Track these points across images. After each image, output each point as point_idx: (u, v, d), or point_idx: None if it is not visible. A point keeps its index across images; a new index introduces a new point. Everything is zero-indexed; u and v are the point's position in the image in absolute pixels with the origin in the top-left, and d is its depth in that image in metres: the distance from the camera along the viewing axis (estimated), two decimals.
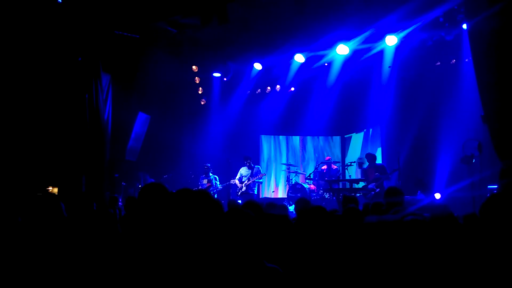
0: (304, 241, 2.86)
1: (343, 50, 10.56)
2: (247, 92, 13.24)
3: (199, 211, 2.03)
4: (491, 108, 7.17)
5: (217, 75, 12.83)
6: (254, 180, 11.10)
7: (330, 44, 10.54)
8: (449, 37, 9.43)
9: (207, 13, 8.74)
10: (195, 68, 12.27)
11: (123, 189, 10.89)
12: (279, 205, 4.71)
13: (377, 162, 10.51)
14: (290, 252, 2.81)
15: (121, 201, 9.70)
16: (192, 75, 12.64)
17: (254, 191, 11.24)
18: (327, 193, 11.57)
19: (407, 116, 11.19)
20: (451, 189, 8.43)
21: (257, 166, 11.51)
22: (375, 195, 9.55)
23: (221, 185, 11.46)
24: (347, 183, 11.32)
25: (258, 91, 13.42)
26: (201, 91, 13.16)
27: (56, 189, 8.58)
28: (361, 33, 9.82)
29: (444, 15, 8.79)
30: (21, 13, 7.80)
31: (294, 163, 13.56)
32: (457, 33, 9.17)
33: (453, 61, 9.91)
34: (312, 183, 12.17)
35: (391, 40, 9.77)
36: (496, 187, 7.55)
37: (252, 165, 11.24)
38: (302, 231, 2.94)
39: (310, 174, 12.18)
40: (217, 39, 10.39)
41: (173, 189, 2.72)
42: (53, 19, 8.20)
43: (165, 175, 11.67)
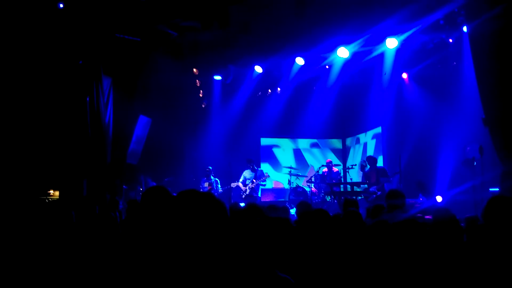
0: (305, 244, 2.86)
1: (343, 53, 10.57)
2: (248, 95, 13.25)
3: (205, 213, 2.01)
4: (492, 110, 7.18)
5: (218, 78, 12.85)
6: (258, 182, 11.10)
7: (330, 47, 10.55)
8: (449, 40, 9.44)
9: (208, 17, 8.76)
10: (196, 71, 12.29)
11: (124, 193, 10.88)
12: (280, 207, 4.72)
13: (378, 165, 10.51)
14: (291, 255, 2.81)
15: (121, 204, 9.70)
16: (193, 78, 12.65)
17: (258, 194, 11.23)
18: (329, 196, 11.56)
19: (408, 119, 11.19)
20: (453, 192, 8.41)
21: (260, 168, 11.52)
22: (376, 198, 9.54)
23: (222, 188, 11.46)
24: (348, 186, 11.31)
25: (259, 94, 13.44)
26: (202, 94, 13.18)
27: (57, 193, 8.58)
28: (362, 36, 9.82)
29: (444, 18, 8.79)
30: (23, 17, 7.82)
31: (295, 166, 13.56)
32: (457, 36, 9.18)
33: (453, 64, 9.91)
34: (313, 186, 12.16)
35: (392, 42, 9.78)
36: (497, 190, 7.54)
37: (255, 167, 11.25)
38: (303, 234, 2.94)
39: (311, 177, 12.16)
40: (218, 42, 10.41)
41: (174, 192, 2.72)
42: (54, 22, 8.22)
43: (166, 178, 11.67)
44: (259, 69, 12.03)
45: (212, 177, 11.46)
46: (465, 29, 8.53)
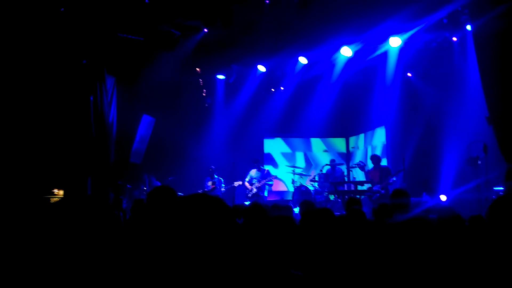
0: (308, 242, 2.86)
1: (346, 52, 10.56)
2: (251, 94, 13.24)
3: (212, 217, 2.00)
4: (496, 109, 7.17)
5: (221, 77, 12.85)
6: (264, 182, 11.11)
7: (333, 46, 10.53)
8: (453, 39, 9.42)
9: (211, 16, 8.77)
10: (199, 70, 12.30)
11: (128, 192, 10.91)
12: (284, 206, 4.73)
13: (382, 164, 10.50)
14: (294, 253, 2.81)
15: (125, 203, 9.73)
16: (196, 78, 12.67)
17: (264, 193, 11.22)
18: (332, 195, 11.55)
19: (412, 117, 11.16)
20: (457, 191, 8.39)
21: (267, 168, 11.52)
22: (380, 196, 9.53)
23: (224, 188, 11.45)
24: (352, 185, 11.29)
25: (262, 93, 13.43)
26: (205, 93, 13.19)
27: (61, 192, 8.61)
28: (365, 35, 9.81)
29: (448, 17, 8.76)
30: (26, 17, 7.85)
31: (298, 165, 13.54)
32: (461, 35, 9.15)
33: (457, 63, 9.88)
34: (317, 185, 12.15)
35: (395, 41, 9.76)
36: (502, 188, 7.52)
37: (262, 167, 11.26)
38: (306, 232, 2.94)
39: (314, 176, 12.15)
40: (221, 42, 10.41)
41: (178, 192, 2.72)
42: (57, 22, 8.24)
43: (170, 178, 11.69)
44: (262, 68, 12.03)
45: (215, 176, 11.47)
46: (469, 27, 8.50)
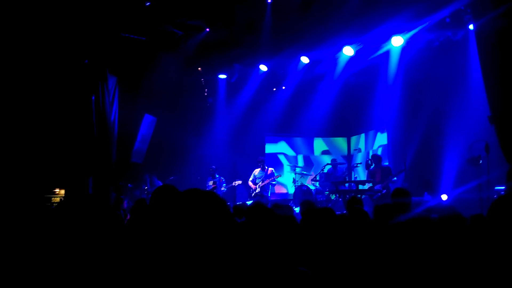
0: (309, 241, 2.86)
1: (348, 51, 10.55)
2: (253, 93, 13.24)
3: (207, 211, 2.00)
4: (498, 108, 7.15)
5: (223, 76, 12.85)
6: (268, 181, 11.11)
7: (335, 45, 10.52)
8: (455, 38, 9.39)
9: (213, 16, 8.78)
10: (200, 69, 12.31)
11: (129, 191, 10.93)
12: (284, 205, 4.72)
13: (383, 163, 10.48)
14: (296, 252, 2.81)
15: (126, 202, 9.74)
16: (198, 77, 12.67)
17: (268, 193, 11.23)
18: (334, 195, 11.54)
19: (413, 116, 11.13)
20: (458, 191, 8.36)
21: (271, 168, 11.53)
22: (381, 196, 9.52)
23: (225, 188, 11.45)
24: (353, 184, 11.28)
25: (263, 92, 13.42)
26: (206, 93, 13.19)
27: (63, 191, 8.63)
28: (367, 35, 9.79)
29: (450, 16, 8.75)
30: (29, 17, 7.86)
31: (299, 164, 13.53)
32: (463, 34, 9.13)
33: (459, 62, 9.85)
34: (318, 185, 12.15)
35: (397, 41, 9.74)
36: (503, 188, 7.50)
37: (265, 167, 11.27)
38: (307, 231, 2.94)
39: (316, 175, 12.15)
40: (223, 41, 10.42)
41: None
42: (60, 22, 8.26)
43: (171, 177, 11.70)
44: (264, 68, 12.03)
45: (217, 176, 11.48)
46: (471, 27, 8.48)
